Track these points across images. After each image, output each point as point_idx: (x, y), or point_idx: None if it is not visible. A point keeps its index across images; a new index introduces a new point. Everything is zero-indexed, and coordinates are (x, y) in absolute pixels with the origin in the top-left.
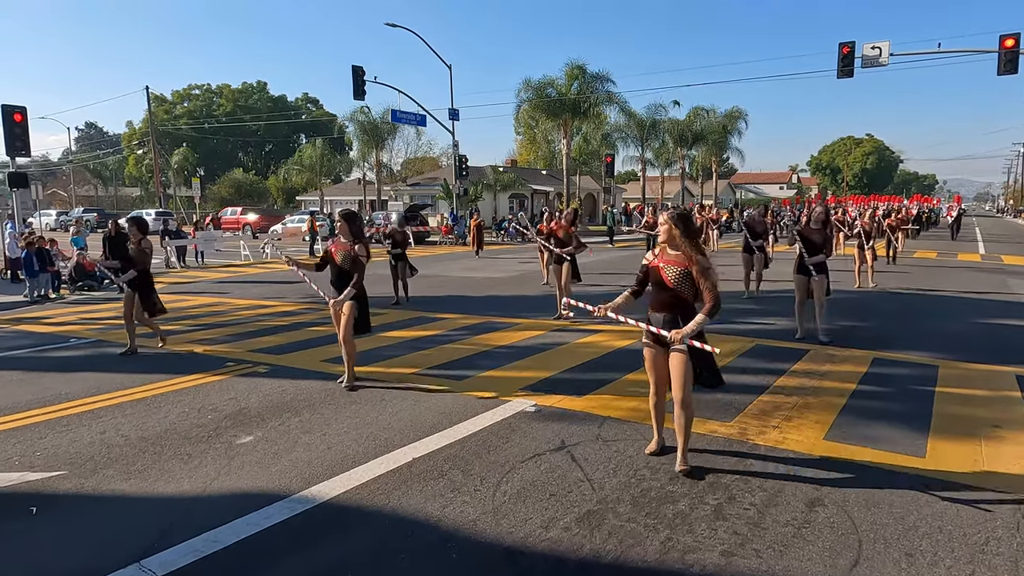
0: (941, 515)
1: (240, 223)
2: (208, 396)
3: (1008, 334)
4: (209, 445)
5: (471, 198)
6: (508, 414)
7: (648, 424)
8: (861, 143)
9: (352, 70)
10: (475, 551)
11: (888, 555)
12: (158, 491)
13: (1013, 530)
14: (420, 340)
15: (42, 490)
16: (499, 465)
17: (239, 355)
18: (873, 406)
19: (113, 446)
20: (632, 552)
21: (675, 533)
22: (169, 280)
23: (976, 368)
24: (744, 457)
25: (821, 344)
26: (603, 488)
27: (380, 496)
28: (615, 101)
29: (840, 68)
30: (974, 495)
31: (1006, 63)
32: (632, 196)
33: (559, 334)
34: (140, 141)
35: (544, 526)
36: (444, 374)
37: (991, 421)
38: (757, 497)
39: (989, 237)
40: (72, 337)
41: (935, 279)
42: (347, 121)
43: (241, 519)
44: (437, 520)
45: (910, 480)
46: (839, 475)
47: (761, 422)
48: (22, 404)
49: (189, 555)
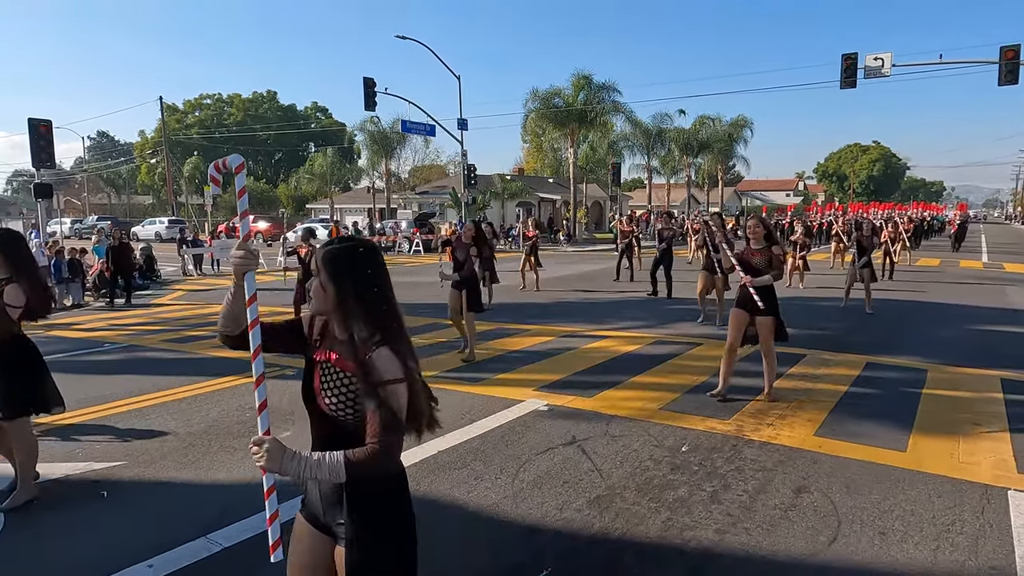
0: (914, 501)
1: (252, 231)
2: (243, 396)
3: (999, 340)
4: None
5: (479, 206)
6: (523, 412)
7: (654, 422)
8: (868, 150)
9: (363, 82)
10: (498, 528)
11: (863, 533)
12: (212, 478)
13: (978, 513)
14: (436, 346)
15: (108, 477)
16: (516, 457)
17: (266, 360)
18: (862, 406)
19: (164, 440)
20: (636, 530)
21: (675, 515)
22: (187, 288)
23: (964, 372)
24: (740, 451)
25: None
26: (611, 477)
27: (411, 483)
28: (621, 110)
29: (843, 79)
30: (947, 485)
31: (1007, 74)
32: (638, 204)
33: (569, 339)
34: (153, 150)
35: (559, 508)
36: (461, 376)
37: (972, 420)
38: (750, 485)
39: (994, 247)
40: (105, 342)
41: (934, 287)
42: (357, 131)
43: (289, 502)
44: (464, 503)
45: (890, 471)
46: (826, 466)
47: (757, 420)
48: (72, 403)
49: (248, 531)
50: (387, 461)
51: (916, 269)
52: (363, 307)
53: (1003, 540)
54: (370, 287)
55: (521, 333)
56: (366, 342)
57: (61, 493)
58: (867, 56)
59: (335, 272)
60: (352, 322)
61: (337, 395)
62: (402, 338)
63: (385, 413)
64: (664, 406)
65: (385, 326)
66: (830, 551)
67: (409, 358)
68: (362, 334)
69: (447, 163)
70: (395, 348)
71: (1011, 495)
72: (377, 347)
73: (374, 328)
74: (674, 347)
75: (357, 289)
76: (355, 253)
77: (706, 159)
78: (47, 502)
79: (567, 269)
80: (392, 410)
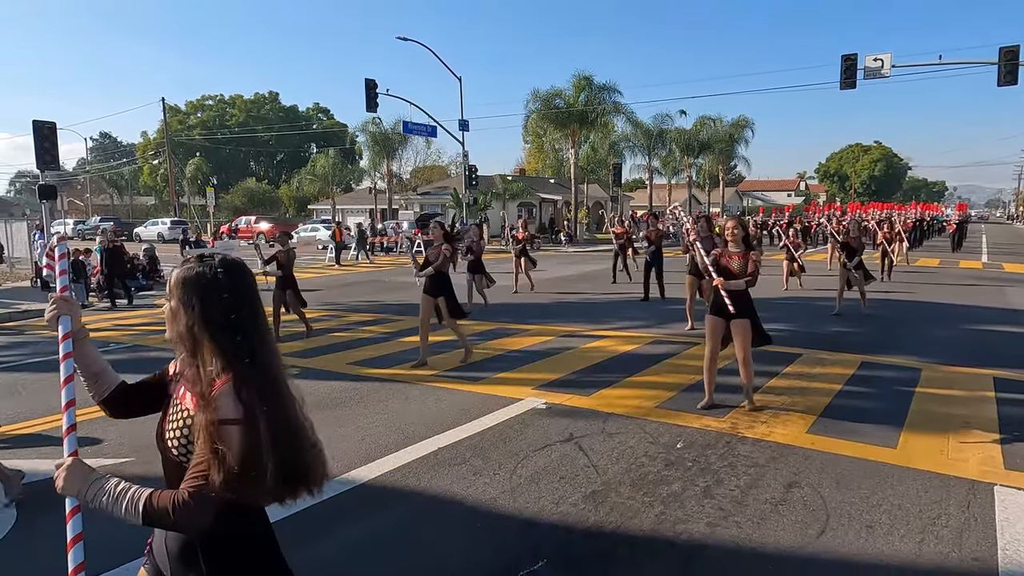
0: (902, 495)
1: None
2: None
3: (995, 339)
4: None
5: (480, 207)
6: (522, 411)
7: (650, 419)
8: (869, 150)
9: (365, 83)
10: (496, 521)
11: (851, 526)
12: None
13: (964, 508)
14: (437, 345)
15: (117, 472)
16: (514, 453)
17: None
18: (855, 404)
19: None
20: (630, 523)
21: (668, 509)
22: None
23: (957, 371)
24: (733, 447)
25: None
26: (606, 473)
27: (412, 478)
28: (622, 111)
29: (843, 80)
30: (935, 480)
31: (1006, 74)
32: (639, 204)
33: (568, 339)
34: (155, 151)
35: (555, 503)
36: (462, 376)
37: (963, 418)
38: (742, 480)
39: (995, 247)
40: (111, 342)
41: (932, 288)
42: (359, 132)
43: None
44: (463, 498)
45: (880, 467)
46: (817, 463)
47: (751, 418)
48: (79, 402)
49: None
50: (199, 514)
51: (915, 269)
52: (214, 337)
53: (987, 532)
54: (225, 315)
55: (521, 333)
56: (213, 377)
57: None
58: (867, 57)
59: (184, 296)
60: (200, 354)
61: (176, 434)
62: (259, 375)
63: (209, 457)
64: (660, 404)
65: (236, 360)
66: (818, 543)
67: (262, 398)
68: (209, 367)
69: (448, 164)
70: (242, 385)
71: (997, 490)
72: (225, 383)
73: (224, 361)
74: (671, 347)
75: (208, 316)
76: (211, 275)
77: (707, 159)
78: (56, 497)
79: (567, 269)
80: (217, 456)
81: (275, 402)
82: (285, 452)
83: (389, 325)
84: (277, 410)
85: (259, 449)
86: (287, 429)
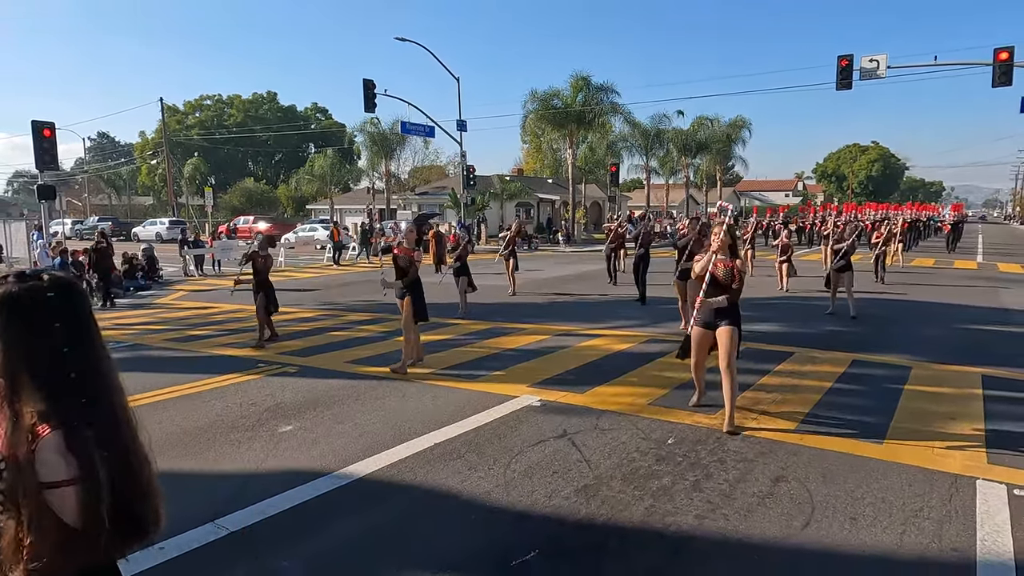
0: (887, 489)
1: (252, 231)
2: (246, 393)
3: (987, 338)
4: (255, 433)
5: (478, 207)
6: (516, 408)
7: (642, 416)
8: (866, 150)
9: (363, 83)
10: (490, 514)
11: (835, 518)
12: (218, 468)
13: (946, 501)
14: (433, 344)
15: None
16: (509, 449)
17: (269, 357)
18: (845, 401)
19: (170, 433)
20: (621, 516)
21: (657, 502)
22: (189, 288)
23: (947, 369)
24: (723, 443)
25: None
26: (599, 467)
27: (408, 473)
28: (619, 111)
29: (839, 80)
30: (920, 475)
31: (1000, 75)
32: (637, 204)
33: (563, 338)
34: (153, 151)
35: (548, 496)
36: (457, 374)
37: (949, 414)
38: (730, 474)
39: (991, 247)
40: (111, 341)
41: (926, 288)
42: (357, 132)
43: (293, 490)
44: (458, 491)
45: (866, 462)
46: (804, 458)
47: (741, 415)
48: None
49: (255, 516)
50: None
51: (909, 270)
52: (36, 373)
53: (967, 525)
54: (55, 347)
55: (516, 332)
56: (33, 426)
57: None
58: (863, 58)
59: (5, 324)
60: (21, 393)
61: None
62: (99, 418)
63: (34, 529)
64: (653, 401)
65: (64, 401)
66: (802, 535)
67: (100, 446)
68: (29, 410)
69: (447, 164)
70: (73, 435)
71: (979, 484)
72: (49, 431)
73: (49, 404)
74: (665, 345)
75: (32, 347)
76: (39, 299)
77: (704, 160)
78: None
79: (565, 269)
80: (48, 524)
81: (118, 446)
82: (132, 503)
83: (386, 324)
84: (118, 456)
85: (96, 507)
86: (130, 475)
